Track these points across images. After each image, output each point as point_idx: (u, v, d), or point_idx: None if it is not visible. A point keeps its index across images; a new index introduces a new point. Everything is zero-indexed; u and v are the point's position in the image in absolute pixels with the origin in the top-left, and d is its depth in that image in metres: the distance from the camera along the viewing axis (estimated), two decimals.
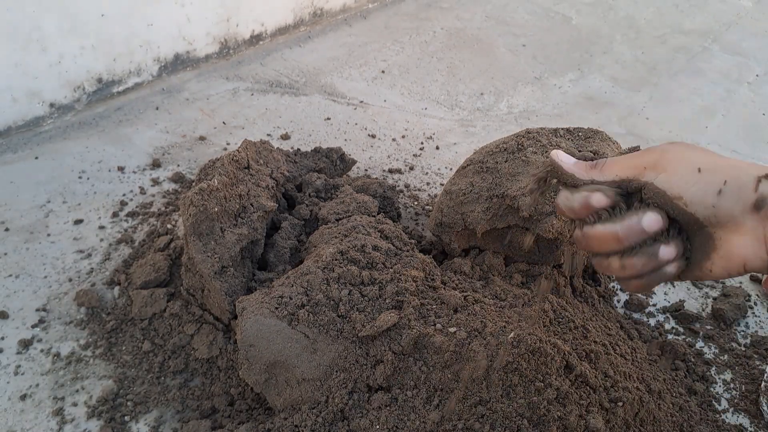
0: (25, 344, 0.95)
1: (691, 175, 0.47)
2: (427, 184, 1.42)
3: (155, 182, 1.32)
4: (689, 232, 0.49)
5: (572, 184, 0.54)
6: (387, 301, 0.83)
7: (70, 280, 1.07)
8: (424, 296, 0.86)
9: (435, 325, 0.81)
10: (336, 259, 0.87)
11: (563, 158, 0.55)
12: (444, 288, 0.88)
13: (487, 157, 1.01)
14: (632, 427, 0.79)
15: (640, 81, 2.02)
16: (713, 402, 0.96)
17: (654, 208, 0.48)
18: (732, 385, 1.00)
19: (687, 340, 1.08)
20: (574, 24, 2.36)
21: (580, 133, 1.03)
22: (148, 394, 0.89)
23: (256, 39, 1.92)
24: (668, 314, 1.13)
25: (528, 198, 0.59)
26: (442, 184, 1.42)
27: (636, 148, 0.58)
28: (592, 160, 0.54)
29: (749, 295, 1.19)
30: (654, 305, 1.15)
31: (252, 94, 1.70)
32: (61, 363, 0.93)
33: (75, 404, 0.87)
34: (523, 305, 0.87)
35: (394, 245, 0.94)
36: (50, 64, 1.40)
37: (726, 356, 1.05)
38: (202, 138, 1.49)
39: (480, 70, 1.98)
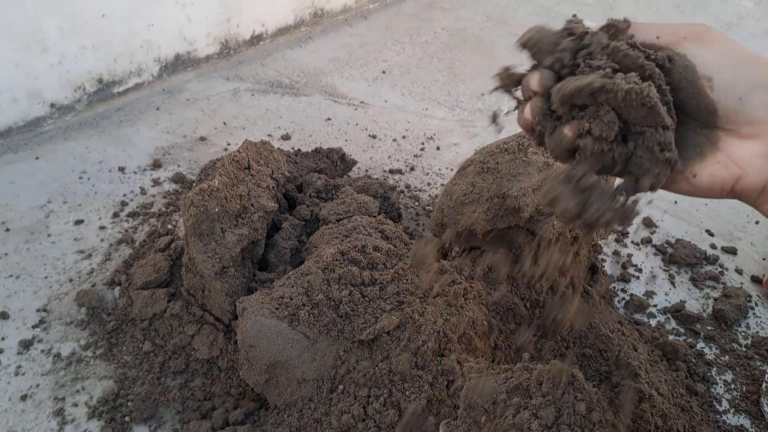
0: (26, 345, 0.95)
1: (730, 58, 0.40)
2: (428, 184, 1.42)
3: (156, 183, 1.32)
4: (691, 125, 0.42)
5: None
6: (388, 301, 0.83)
7: (71, 280, 1.07)
8: (425, 296, 0.86)
9: None
10: (337, 260, 0.87)
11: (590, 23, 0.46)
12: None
13: (488, 157, 1.01)
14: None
15: None
16: (714, 403, 0.96)
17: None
18: (733, 386, 1.00)
19: (688, 340, 1.08)
20: None
21: None
22: (149, 395, 0.89)
23: (256, 39, 1.92)
24: (669, 315, 1.13)
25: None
26: (442, 185, 1.42)
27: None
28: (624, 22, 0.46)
29: (750, 296, 1.19)
30: (655, 306, 1.15)
31: (253, 95, 1.70)
32: (62, 363, 0.93)
33: (75, 404, 0.87)
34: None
35: (394, 246, 0.94)
36: (51, 65, 1.40)
37: (727, 357, 1.05)
38: (202, 138, 1.49)
39: (481, 70, 1.98)
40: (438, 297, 0.86)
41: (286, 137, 1.53)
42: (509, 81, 0.51)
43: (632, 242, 1.31)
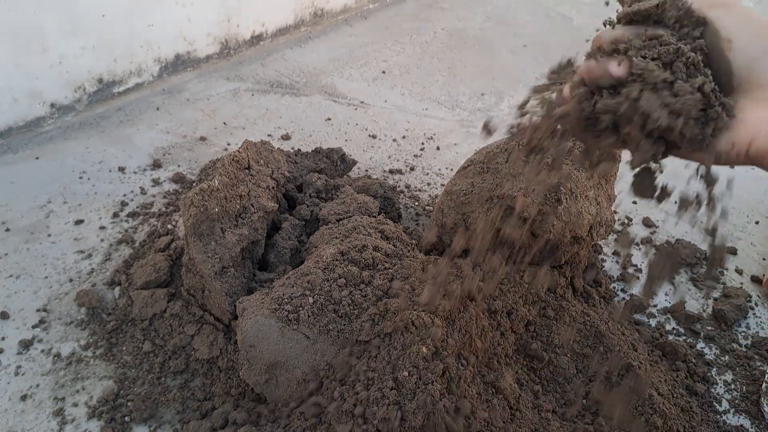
0: (26, 345, 0.95)
1: (750, 24, 0.44)
2: (428, 184, 1.42)
3: (156, 183, 1.32)
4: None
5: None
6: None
7: (71, 280, 1.07)
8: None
9: None
10: (337, 260, 0.87)
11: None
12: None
13: (488, 157, 1.01)
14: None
15: None
16: (714, 403, 0.96)
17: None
18: (733, 386, 1.00)
19: (688, 341, 1.08)
20: (575, 24, 2.36)
21: None
22: (149, 395, 0.89)
23: (256, 39, 1.92)
24: (669, 315, 1.13)
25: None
26: (442, 185, 1.42)
27: None
28: None
29: (750, 296, 1.19)
30: (655, 306, 1.15)
31: (253, 95, 1.70)
32: (62, 363, 0.93)
33: (75, 404, 0.87)
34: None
35: (394, 246, 0.94)
36: (51, 65, 1.40)
37: (727, 357, 1.05)
38: (202, 138, 1.49)
39: (481, 70, 1.98)
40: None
41: (286, 137, 1.53)
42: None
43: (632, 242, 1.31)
